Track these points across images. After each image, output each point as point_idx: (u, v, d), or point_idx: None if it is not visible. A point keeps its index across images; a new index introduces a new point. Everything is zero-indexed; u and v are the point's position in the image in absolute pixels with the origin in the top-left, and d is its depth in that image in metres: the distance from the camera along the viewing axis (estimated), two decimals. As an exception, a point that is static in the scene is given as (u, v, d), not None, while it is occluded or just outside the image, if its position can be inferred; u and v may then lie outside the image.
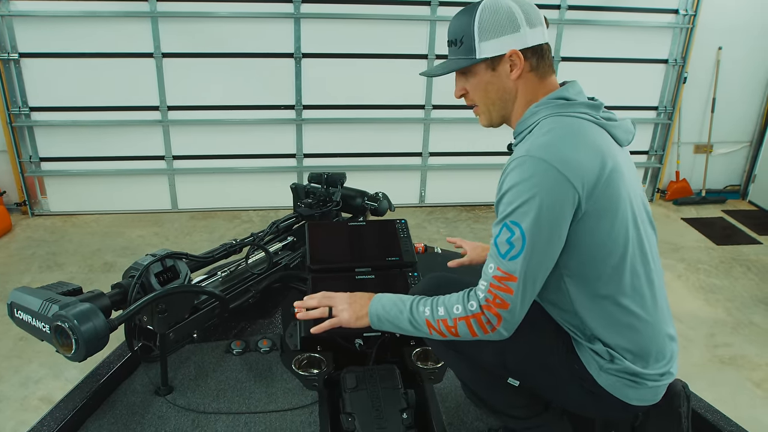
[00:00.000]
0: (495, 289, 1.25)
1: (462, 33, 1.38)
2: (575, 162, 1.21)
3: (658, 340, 1.35)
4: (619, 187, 1.26)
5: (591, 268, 1.28)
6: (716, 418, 1.76)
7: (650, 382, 1.34)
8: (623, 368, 1.32)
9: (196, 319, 1.80)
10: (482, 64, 1.38)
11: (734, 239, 4.69)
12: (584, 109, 1.32)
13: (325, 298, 1.53)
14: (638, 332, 1.32)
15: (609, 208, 1.25)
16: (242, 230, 4.55)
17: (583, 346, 1.36)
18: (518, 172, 1.23)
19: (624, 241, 1.27)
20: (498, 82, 1.39)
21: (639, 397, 1.35)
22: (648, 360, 1.34)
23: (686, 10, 4.82)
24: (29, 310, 1.45)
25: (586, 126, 1.29)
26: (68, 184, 4.74)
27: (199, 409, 1.75)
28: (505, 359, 1.42)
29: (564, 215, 1.22)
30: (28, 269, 3.88)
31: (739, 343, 3.27)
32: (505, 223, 1.23)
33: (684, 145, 5.36)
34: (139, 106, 4.56)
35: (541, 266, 1.24)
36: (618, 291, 1.29)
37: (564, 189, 1.20)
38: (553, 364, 1.39)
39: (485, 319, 1.26)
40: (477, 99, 1.44)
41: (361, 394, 1.69)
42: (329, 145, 4.91)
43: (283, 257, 2.25)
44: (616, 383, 1.33)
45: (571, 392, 1.40)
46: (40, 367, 2.86)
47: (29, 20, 4.23)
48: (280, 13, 4.44)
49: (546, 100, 1.35)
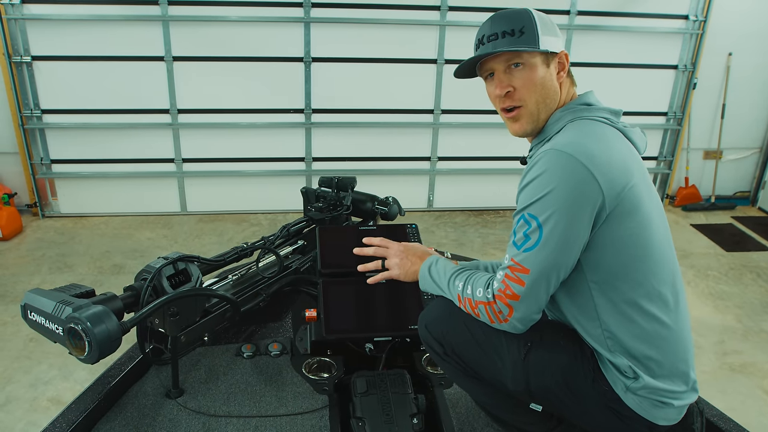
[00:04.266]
0: (508, 280, 1.25)
1: (522, 24, 1.33)
2: (604, 161, 1.20)
3: (682, 348, 1.32)
4: (642, 190, 1.26)
5: (616, 272, 1.27)
6: (729, 426, 1.75)
7: (675, 401, 1.31)
8: (647, 385, 1.29)
9: (207, 322, 1.81)
10: (539, 58, 1.34)
11: (744, 246, 4.66)
12: (606, 114, 1.33)
13: (380, 249, 1.64)
14: (663, 339, 1.29)
15: (635, 210, 1.24)
16: (251, 233, 4.57)
17: (606, 364, 1.33)
18: (542, 164, 1.22)
19: (649, 244, 1.26)
20: (551, 80, 1.36)
21: (665, 417, 1.32)
22: (672, 371, 1.31)
23: (696, 15, 4.81)
24: (43, 312, 1.46)
25: (610, 130, 1.30)
26: (78, 187, 4.77)
27: (210, 412, 1.75)
28: (530, 385, 1.39)
29: (584, 212, 1.20)
30: (38, 270, 3.90)
31: (749, 350, 3.25)
32: (523, 215, 1.24)
33: (693, 150, 5.34)
34: (150, 109, 4.59)
35: (557, 261, 1.23)
36: (643, 296, 1.27)
37: (588, 186, 1.19)
38: (579, 387, 1.36)
39: (497, 309, 1.28)
40: (527, 96, 1.35)
41: (371, 398, 1.69)
42: (338, 148, 4.92)
43: (294, 261, 2.25)
44: (642, 403, 1.30)
45: (597, 415, 1.37)
46: (50, 368, 2.87)
47: (42, 24, 4.27)
48: (291, 17, 4.45)
49: (571, 105, 1.36)
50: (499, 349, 1.38)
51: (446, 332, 1.48)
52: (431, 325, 1.51)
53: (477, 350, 1.42)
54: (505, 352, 1.38)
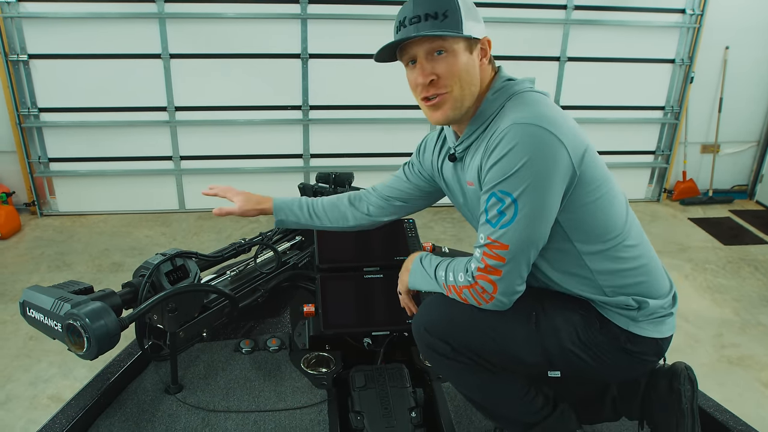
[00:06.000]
0: (487, 258, 1.25)
1: (446, 7, 1.28)
2: (564, 126, 1.23)
3: (659, 267, 1.42)
4: (592, 148, 1.30)
5: (596, 226, 1.31)
6: (726, 417, 1.75)
7: (672, 309, 1.41)
8: (650, 309, 1.35)
9: (205, 318, 1.81)
10: (462, 44, 1.30)
11: (741, 239, 4.67)
12: (529, 84, 1.35)
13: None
14: (646, 266, 1.37)
15: (594, 167, 1.28)
16: (249, 230, 4.57)
17: (606, 308, 1.37)
18: (509, 139, 1.20)
19: (611, 192, 1.32)
20: (473, 66, 1.32)
21: (669, 328, 1.40)
22: (661, 289, 1.39)
23: (693, 9, 4.81)
24: (41, 309, 1.46)
25: (546, 98, 1.32)
26: (76, 185, 4.77)
27: (209, 408, 1.75)
28: (548, 352, 1.38)
29: (557, 180, 1.22)
30: (37, 269, 3.90)
31: (747, 343, 3.26)
32: (494, 193, 1.23)
33: (691, 144, 5.35)
34: (147, 106, 4.59)
35: (535, 233, 1.24)
36: (621, 237, 1.33)
37: (559, 152, 1.20)
38: (590, 338, 1.37)
39: (480, 289, 1.28)
40: (451, 82, 1.30)
41: (369, 392, 1.70)
42: (336, 145, 4.92)
43: (292, 256, 2.26)
44: (649, 326, 1.36)
45: (612, 361, 1.38)
46: (49, 366, 2.88)
47: (38, 22, 4.27)
48: (287, 14, 4.45)
49: (499, 84, 1.35)
50: (509, 328, 1.37)
51: (450, 329, 1.42)
52: (431, 326, 1.44)
53: (487, 337, 1.39)
54: (514, 329, 1.38)
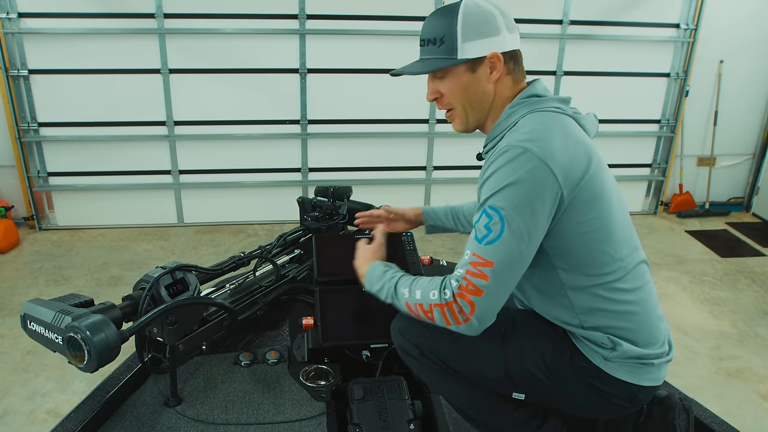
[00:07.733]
0: (470, 276, 1.24)
1: (443, 32, 1.36)
2: (562, 154, 1.23)
3: (651, 319, 1.37)
4: (600, 177, 1.29)
5: (583, 257, 1.30)
6: (724, 429, 1.76)
7: (655, 360, 1.35)
8: (626, 352, 1.32)
9: (205, 331, 1.82)
10: (462, 66, 1.37)
11: (738, 251, 4.69)
12: (557, 104, 1.35)
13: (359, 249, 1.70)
14: (635, 314, 1.33)
15: (594, 197, 1.27)
16: (248, 244, 4.58)
17: (581, 340, 1.36)
18: (502, 159, 1.23)
19: (610, 226, 1.30)
20: (477, 84, 1.38)
21: (649, 378, 1.35)
22: (648, 339, 1.35)
23: (687, 24, 4.87)
24: (42, 322, 1.47)
25: (565, 119, 1.32)
26: (75, 199, 4.78)
27: (208, 420, 1.76)
28: (510, 371, 1.40)
29: (545, 203, 1.22)
30: (35, 283, 3.90)
31: (745, 355, 3.27)
32: (485, 209, 1.24)
33: (687, 157, 5.38)
34: (146, 121, 4.61)
35: (520, 254, 1.24)
36: (611, 276, 1.31)
37: (547, 180, 1.21)
38: (557, 367, 1.37)
39: (457, 308, 1.25)
40: (454, 102, 1.42)
41: (368, 405, 1.70)
42: (334, 159, 4.94)
43: (291, 270, 2.27)
44: (622, 368, 1.33)
45: (578, 395, 1.39)
46: (47, 380, 2.87)
47: (39, 38, 4.30)
48: (286, 29, 4.49)
49: (519, 100, 1.37)
50: (474, 341, 1.37)
51: (420, 334, 1.48)
52: (405, 330, 1.52)
53: (453, 346, 1.43)
54: (480, 342, 1.38)
